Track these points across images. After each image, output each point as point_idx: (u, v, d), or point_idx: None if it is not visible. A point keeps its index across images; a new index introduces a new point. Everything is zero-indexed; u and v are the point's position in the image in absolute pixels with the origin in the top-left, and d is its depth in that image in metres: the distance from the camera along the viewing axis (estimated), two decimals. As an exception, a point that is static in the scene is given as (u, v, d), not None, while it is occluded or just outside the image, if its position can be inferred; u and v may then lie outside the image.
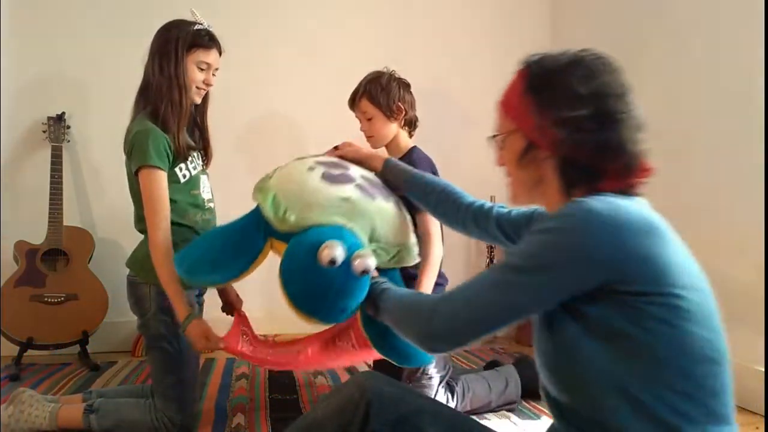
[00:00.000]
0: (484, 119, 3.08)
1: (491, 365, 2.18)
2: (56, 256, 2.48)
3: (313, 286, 1.18)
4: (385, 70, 2.00)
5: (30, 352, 2.38)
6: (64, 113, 2.61)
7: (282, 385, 2.24)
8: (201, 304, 1.86)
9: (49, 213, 2.47)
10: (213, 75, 1.77)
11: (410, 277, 1.82)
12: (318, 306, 1.20)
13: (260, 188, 1.33)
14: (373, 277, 1.19)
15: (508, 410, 1.96)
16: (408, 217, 1.43)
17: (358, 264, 1.12)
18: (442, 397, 1.89)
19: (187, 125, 1.79)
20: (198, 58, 1.71)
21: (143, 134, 1.63)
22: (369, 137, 1.99)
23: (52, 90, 2.67)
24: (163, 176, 1.65)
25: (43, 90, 2.66)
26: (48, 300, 2.40)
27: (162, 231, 1.62)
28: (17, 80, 2.63)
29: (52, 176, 2.49)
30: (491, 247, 3.04)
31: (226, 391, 2.17)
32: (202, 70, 1.73)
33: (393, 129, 1.97)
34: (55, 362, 2.47)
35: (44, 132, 2.58)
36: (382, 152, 1.92)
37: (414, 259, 1.40)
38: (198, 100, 1.78)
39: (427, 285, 1.79)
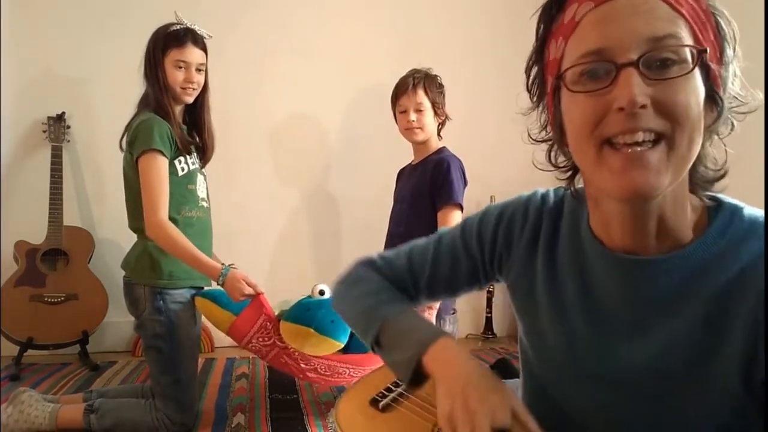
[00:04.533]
0: (484, 119, 3.11)
1: (500, 364, 2.14)
2: (56, 256, 2.48)
3: (306, 306, 1.75)
4: (429, 71, 2.00)
5: (30, 352, 2.38)
6: (64, 113, 2.61)
7: (282, 385, 2.23)
8: None
9: (49, 213, 2.47)
10: (198, 72, 1.77)
11: None
12: (311, 317, 1.69)
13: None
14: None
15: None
16: None
17: None
18: None
19: (184, 124, 1.82)
20: (174, 57, 1.74)
21: (148, 122, 1.67)
22: (416, 128, 1.95)
23: (52, 90, 2.67)
24: (165, 162, 1.68)
25: (43, 90, 2.66)
26: (48, 300, 2.40)
27: (163, 212, 1.65)
28: (17, 80, 2.63)
29: (52, 176, 2.49)
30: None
31: (226, 391, 2.17)
32: (180, 68, 1.74)
33: (434, 127, 1.99)
34: (55, 362, 2.47)
35: (44, 132, 2.58)
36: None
37: None
38: (188, 100, 1.79)
39: None
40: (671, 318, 0.60)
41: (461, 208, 1.88)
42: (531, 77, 0.67)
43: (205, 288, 1.83)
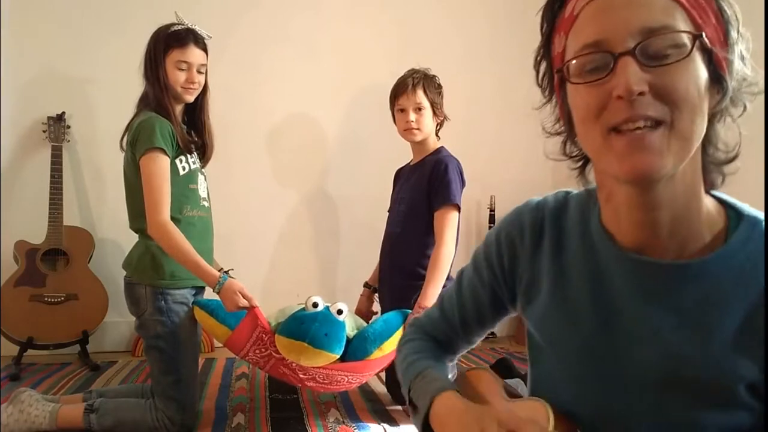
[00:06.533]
0: (484, 119, 3.11)
1: (500, 364, 2.13)
2: (56, 256, 2.48)
3: (300, 320, 1.69)
4: (427, 71, 2.01)
5: (30, 351, 2.38)
6: (64, 113, 2.61)
7: (282, 385, 2.23)
8: None
9: (49, 213, 2.47)
10: (199, 72, 1.78)
11: (421, 277, 1.84)
12: (305, 331, 1.66)
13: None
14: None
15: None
16: (360, 321, 1.92)
17: (333, 306, 1.73)
18: None
19: (184, 124, 1.82)
20: (176, 57, 1.74)
21: (150, 121, 1.68)
22: (415, 128, 1.96)
23: (52, 90, 2.67)
24: (167, 161, 1.69)
25: (43, 90, 2.66)
26: (48, 300, 2.40)
27: (165, 212, 1.65)
28: (17, 80, 2.63)
29: (52, 176, 2.49)
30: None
31: (226, 391, 2.17)
32: (182, 69, 1.74)
33: (433, 127, 2.00)
34: (55, 362, 2.47)
35: (44, 132, 2.58)
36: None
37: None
38: (189, 99, 1.79)
39: (433, 286, 1.81)
40: (687, 328, 0.60)
41: (458, 208, 1.89)
42: (540, 73, 0.69)
43: (204, 294, 1.83)
